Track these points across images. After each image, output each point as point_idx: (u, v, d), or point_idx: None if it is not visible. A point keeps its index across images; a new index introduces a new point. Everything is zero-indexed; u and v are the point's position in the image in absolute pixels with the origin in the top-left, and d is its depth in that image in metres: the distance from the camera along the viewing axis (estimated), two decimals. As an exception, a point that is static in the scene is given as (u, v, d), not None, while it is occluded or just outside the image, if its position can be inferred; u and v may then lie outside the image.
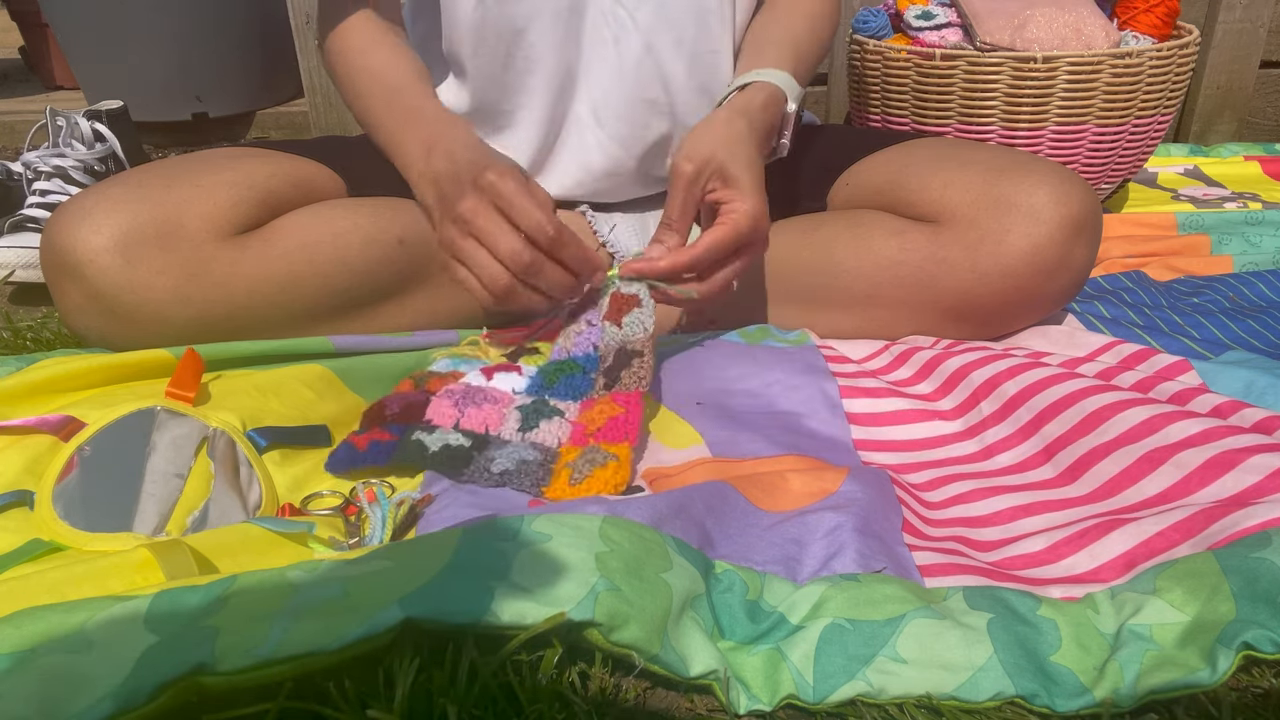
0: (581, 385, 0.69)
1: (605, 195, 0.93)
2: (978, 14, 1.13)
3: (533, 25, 0.82)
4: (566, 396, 0.69)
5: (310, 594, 0.42)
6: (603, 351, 0.71)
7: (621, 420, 0.63)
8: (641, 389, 0.66)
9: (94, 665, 0.38)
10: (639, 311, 0.71)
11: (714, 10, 0.83)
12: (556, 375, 0.70)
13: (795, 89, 0.81)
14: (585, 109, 0.86)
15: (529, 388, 0.71)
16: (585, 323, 0.75)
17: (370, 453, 0.63)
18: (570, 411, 0.67)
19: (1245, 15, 1.51)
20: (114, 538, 0.53)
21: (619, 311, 0.71)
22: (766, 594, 0.50)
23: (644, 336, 0.70)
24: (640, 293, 0.71)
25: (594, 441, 0.62)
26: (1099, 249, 0.80)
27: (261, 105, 1.79)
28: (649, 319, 0.70)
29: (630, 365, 0.68)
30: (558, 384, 0.69)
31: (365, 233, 0.78)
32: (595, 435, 0.63)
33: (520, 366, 0.73)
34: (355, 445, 0.64)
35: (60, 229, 0.70)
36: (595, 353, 0.72)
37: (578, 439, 0.64)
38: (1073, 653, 0.45)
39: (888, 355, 0.80)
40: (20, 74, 2.25)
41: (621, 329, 0.71)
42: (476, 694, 0.41)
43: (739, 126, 0.75)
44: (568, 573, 0.45)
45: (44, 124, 1.16)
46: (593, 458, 0.60)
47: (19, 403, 0.64)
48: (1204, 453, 0.57)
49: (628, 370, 0.67)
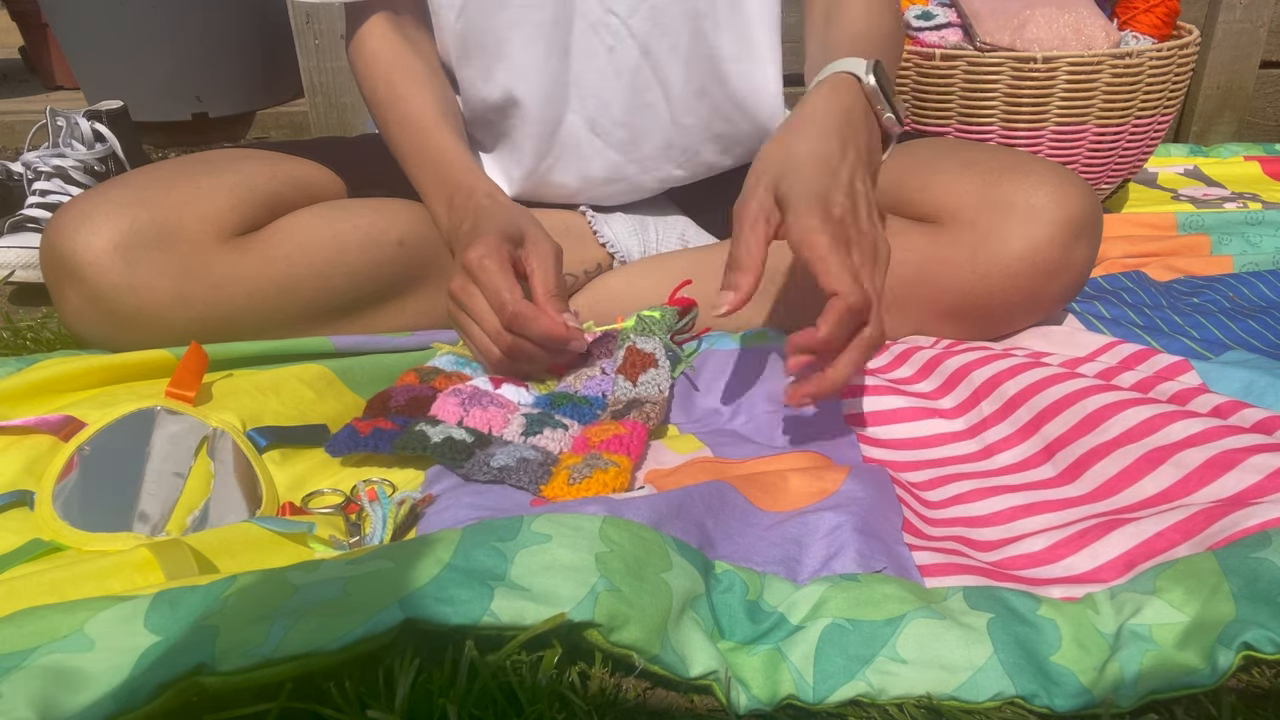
0: (587, 416, 0.69)
1: (607, 200, 0.93)
2: (978, 14, 1.13)
3: (514, 36, 0.81)
4: (572, 418, 0.68)
5: (310, 594, 0.42)
6: (611, 401, 0.70)
7: (625, 438, 0.63)
8: (649, 426, 0.66)
9: (94, 665, 0.38)
10: (655, 372, 0.70)
11: (708, 14, 0.83)
12: (564, 400, 0.70)
13: (860, 63, 0.71)
14: (579, 119, 0.86)
15: (536, 403, 0.71)
16: (599, 369, 0.74)
17: (372, 439, 0.63)
18: (574, 428, 0.67)
19: (1245, 15, 1.51)
20: (114, 538, 0.53)
21: (634, 368, 0.70)
22: (766, 594, 0.50)
23: (659, 396, 0.69)
24: (657, 352, 0.71)
25: (596, 450, 0.62)
26: (1099, 249, 0.80)
27: (261, 105, 1.79)
28: (665, 381, 0.70)
29: (641, 408, 0.67)
30: (563, 408, 0.69)
31: (365, 234, 0.78)
32: (598, 446, 0.63)
33: (527, 385, 0.73)
34: (358, 430, 0.64)
35: (60, 232, 0.70)
36: (603, 399, 0.71)
37: (579, 448, 0.64)
38: (1073, 653, 0.45)
39: (888, 355, 0.80)
40: (20, 74, 2.25)
41: (636, 386, 0.70)
42: (476, 694, 0.41)
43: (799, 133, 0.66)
44: (567, 573, 0.45)
45: (44, 124, 1.16)
46: (594, 463, 0.60)
47: (19, 403, 0.64)
48: (1204, 452, 0.57)
49: (638, 411, 0.67)
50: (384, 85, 0.83)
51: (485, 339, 0.71)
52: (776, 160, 0.65)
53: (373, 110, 0.86)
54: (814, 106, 0.69)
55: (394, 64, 0.83)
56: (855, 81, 0.70)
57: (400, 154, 0.83)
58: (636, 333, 0.73)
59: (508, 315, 0.68)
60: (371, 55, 0.84)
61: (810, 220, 0.60)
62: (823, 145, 0.65)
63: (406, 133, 0.82)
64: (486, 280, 0.68)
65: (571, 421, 0.68)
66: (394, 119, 0.83)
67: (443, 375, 0.72)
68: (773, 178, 0.64)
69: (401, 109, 0.82)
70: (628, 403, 0.69)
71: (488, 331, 0.70)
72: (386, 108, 0.83)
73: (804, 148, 0.65)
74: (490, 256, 0.69)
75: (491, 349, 0.71)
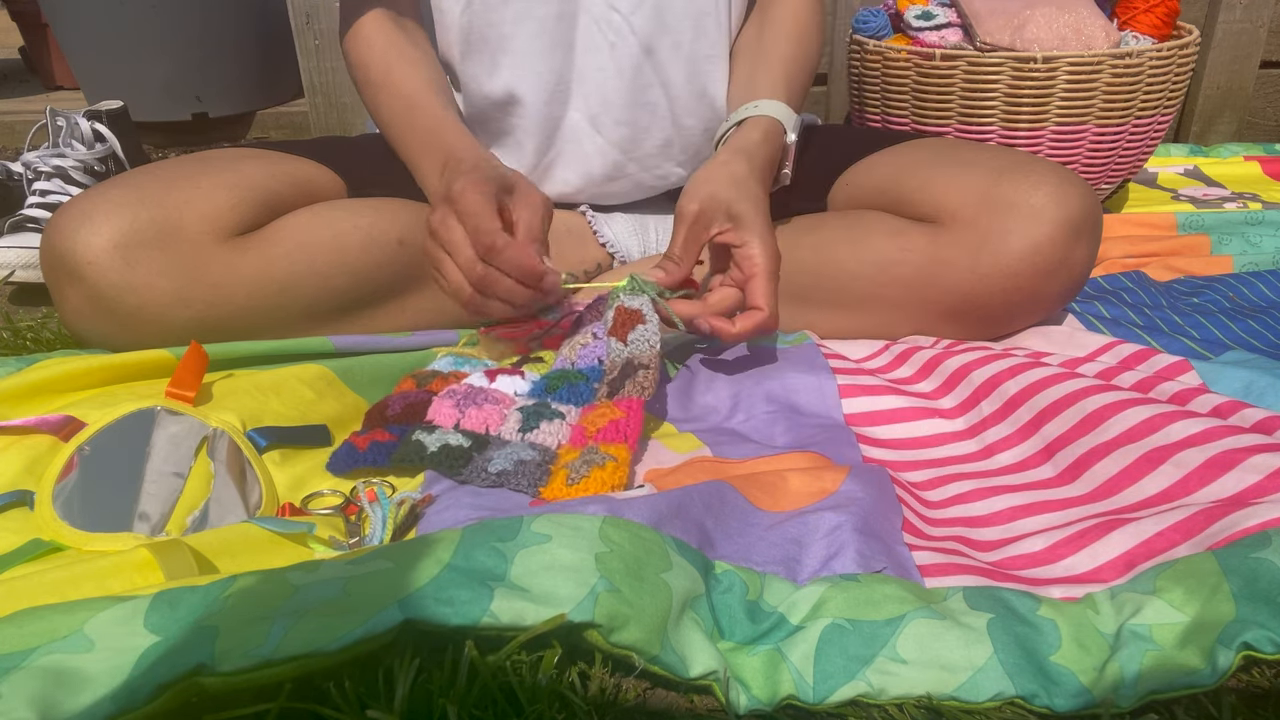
0: (584, 393, 0.69)
1: (607, 199, 0.93)
2: (978, 14, 1.13)
3: (519, 31, 0.81)
4: (568, 402, 0.69)
5: (310, 594, 0.42)
6: (607, 366, 0.71)
7: (622, 423, 0.63)
8: (644, 398, 0.66)
9: (94, 665, 0.38)
10: (644, 328, 0.70)
11: (710, 14, 0.83)
12: (559, 382, 0.70)
13: (792, 118, 0.81)
14: (581, 115, 0.86)
15: (531, 391, 0.71)
16: (591, 335, 0.74)
17: (370, 453, 0.63)
18: (571, 415, 0.67)
19: (1245, 15, 1.51)
20: (114, 538, 0.53)
21: (624, 327, 0.71)
22: (766, 594, 0.50)
23: (650, 352, 0.69)
24: (644, 308, 0.71)
25: (593, 443, 0.62)
26: (1099, 249, 0.80)
27: (261, 105, 1.79)
28: (654, 335, 0.70)
29: (635, 376, 0.67)
30: (560, 390, 0.69)
31: (365, 233, 0.78)
32: (595, 437, 0.63)
33: (523, 371, 0.73)
34: (356, 446, 0.64)
35: (60, 232, 0.70)
36: (600, 366, 0.72)
37: (577, 440, 0.64)
38: (1073, 653, 0.45)
39: (888, 355, 0.80)
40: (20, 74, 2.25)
41: (627, 345, 0.70)
42: (476, 694, 0.41)
43: (740, 166, 0.75)
44: (567, 574, 0.45)
45: (44, 124, 1.16)
46: (591, 458, 0.60)
47: (19, 403, 0.64)
48: (1204, 452, 0.57)
49: (632, 381, 0.67)
50: (379, 67, 0.83)
51: (457, 273, 0.69)
52: (725, 180, 0.74)
53: (365, 92, 0.86)
54: (753, 149, 0.78)
55: (388, 48, 0.83)
56: (783, 133, 0.81)
57: (393, 130, 0.83)
58: (626, 293, 0.73)
59: (484, 244, 0.67)
60: (366, 41, 0.84)
61: (765, 248, 0.71)
62: (760, 187, 0.75)
63: (400, 107, 0.82)
64: (466, 207, 0.68)
65: (568, 408, 0.68)
66: (386, 98, 0.83)
67: (440, 377, 0.72)
68: (726, 196, 0.72)
69: (396, 86, 0.82)
70: (622, 367, 0.69)
71: (461, 263, 0.68)
72: (379, 87, 0.83)
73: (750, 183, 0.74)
74: (474, 189, 0.68)
75: (463, 285, 0.69)
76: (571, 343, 0.75)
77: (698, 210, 0.72)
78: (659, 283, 0.73)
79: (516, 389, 0.71)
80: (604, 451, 0.60)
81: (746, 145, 0.78)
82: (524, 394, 0.71)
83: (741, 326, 0.71)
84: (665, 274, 0.73)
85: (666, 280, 0.73)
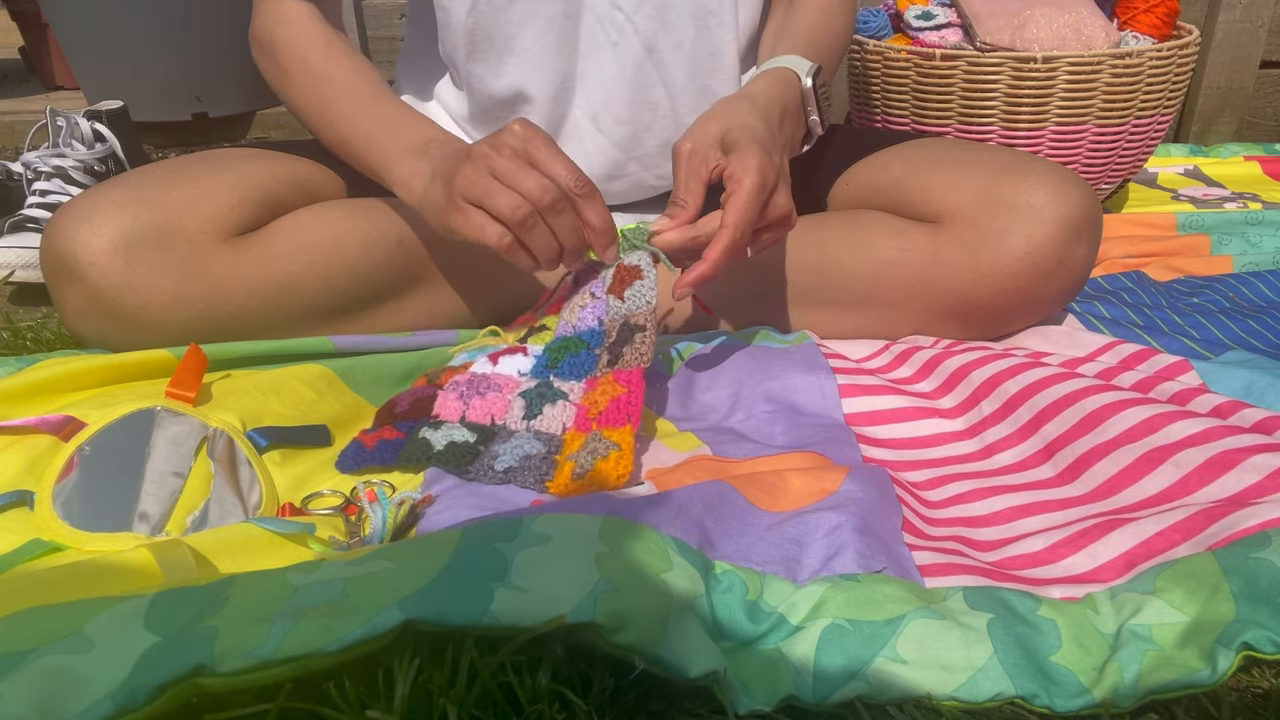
0: (586, 362, 0.69)
1: (608, 198, 0.93)
2: (978, 14, 1.13)
3: (526, 31, 0.81)
4: (570, 375, 0.69)
5: (310, 594, 0.42)
6: (607, 326, 0.71)
7: (624, 400, 0.63)
8: (643, 365, 0.66)
9: (94, 665, 0.38)
10: (640, 284, 0.70)
11: (714, 12, 0.83)
12: (561, 353, 0.70)
13: (805, 65, 0.78)
14: (583, 114, 0.86)
15: (534, 369, 0.71)
16: (589, 294, 0.74)
17: (378, 451, 0.63)
18: (574, 393, 0.67)
19: (1245, 15, 1.51)
20: (114, 538, 0.53)
21: (621, 284, 0.71)
22: (766, 594, 0.50)
23: (646, 310, 0.69)
24: (642, 263, 0.71)
25: (597, 427, 0.62)
26: (1099, 249, 0.80)
27: (261, 105, 1.79)
28: (650, 292, 0.70)
29: (633, 341, 0.68)
30: (562, 363, 0.70)
31: (365, 234, 0.78)
32: (599, 419, 0.63)
33: (526, 348, 0.73)
34: (364, 444, 0.64)
35: (60, 232, 0.70)
36: (600, 327, 0.72)
37: (581, 423, 0.64)
38: (1073, 653, 0.45)
39: (888, 355, 0.80)
40: (20, 74, 2.25)
41: (624, 302, 0.70)
42: (476, 694, 0.41)
43: (738, 104, 0.73)
44: (567, 574, 0.45)
45: (44, 124, 1.16)
46: (595, 448, 0.60)
47: (19, 403, 0.64)
48: (1204, 452, 0.57)
49: (630, 346, 0.67)
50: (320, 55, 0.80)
51: (513, 196, 0.64)
52: (718, 116, 0.72)
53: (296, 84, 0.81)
54: (756, 91, 0.75)
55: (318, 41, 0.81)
56: (796, 80, 0.78)
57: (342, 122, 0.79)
58: (622, 250, 0.73)
59: (573, 183, 0.65)
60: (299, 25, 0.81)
61: (746, 165, 0.67)
62: (762, 123, 0.72)
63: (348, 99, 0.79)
64: (548, 144, 0.66)
65: (571, 384, 0.68)
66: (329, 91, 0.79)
67: (448, 370, 0.72)
68: (720, 126, 0.70)
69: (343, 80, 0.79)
70: (620, 328, 0.69)
71: (527, 187, 0.64)
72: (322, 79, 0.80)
73: (748, 118, 0.71)
74: (541, 134, 0.67)
75: (520, 206, 0.64)
76: (571, 304, 0.75)
77: (690, 147, 0.70)
78: (664, 229, 0.70)
79: (519, 368, 0.71)
80: (607, 439, 0.61)
81: (749, 90, 0.76)
82: (526, 373, 0.71)
83: (709, 258, 0.67)
84: (671, 218, 0.71)
85: (673, 224, 0.70)
